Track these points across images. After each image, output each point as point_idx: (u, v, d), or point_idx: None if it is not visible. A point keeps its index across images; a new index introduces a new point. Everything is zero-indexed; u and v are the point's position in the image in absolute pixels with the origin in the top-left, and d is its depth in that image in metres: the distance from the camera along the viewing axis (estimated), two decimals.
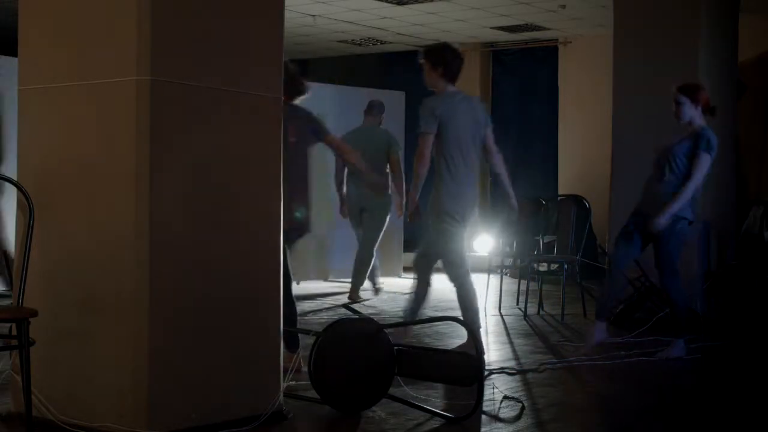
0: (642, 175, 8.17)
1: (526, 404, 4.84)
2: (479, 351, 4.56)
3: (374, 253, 9.23)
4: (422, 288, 6.33)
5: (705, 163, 6.24)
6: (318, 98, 10.19)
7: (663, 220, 6.16)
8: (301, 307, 8.55)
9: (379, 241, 9.23)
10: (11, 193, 4.27)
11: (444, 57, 6.17)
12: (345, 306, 5.51)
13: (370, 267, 9.26)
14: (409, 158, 7.63)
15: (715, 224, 8.05)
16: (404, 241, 10.86)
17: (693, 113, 6.34)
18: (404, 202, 8.84)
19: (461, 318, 5.95)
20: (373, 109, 9.25)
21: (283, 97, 4.44)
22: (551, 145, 13.82)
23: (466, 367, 4.56)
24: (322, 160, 9.85)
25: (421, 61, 6.23)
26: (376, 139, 9.04)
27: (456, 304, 6.26)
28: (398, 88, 12.14)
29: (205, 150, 4.13)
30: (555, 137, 13.73)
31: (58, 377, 4.11)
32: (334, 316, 7.54)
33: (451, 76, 6.20)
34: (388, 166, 9.06)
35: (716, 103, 8.22)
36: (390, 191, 8.94)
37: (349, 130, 9.11)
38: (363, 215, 9.14)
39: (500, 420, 4.55)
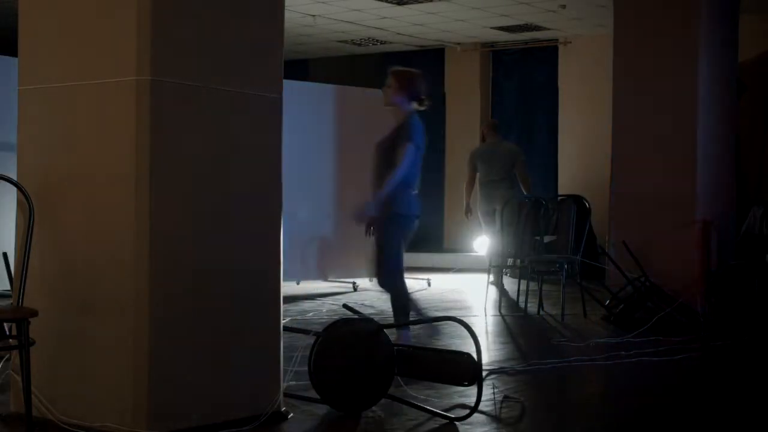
0: (642, 175, 8.20)
1: (526, 404, 4.84)
2: (479, 351, 4.55)
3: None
4: None
5: (406, 153, 5.89)
6: (318, 98, 10.27)
7: (366, 210, 5.89)
8: (301, 307, 8.57)
9: None
10: (11, 193, 4.27)
11: None
12: (345, 306, 5.50)
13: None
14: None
15: (715, 224, 8.05)
16: None
17: (399, 99, 6.04)
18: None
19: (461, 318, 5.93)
20: (496, 128, 10.75)
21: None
22: (551, 145, 13.81)
23: (465, 367, 4.56)
24: (320, 159, 9.86)
25: None
26: (500, 152, 10.27)
27: (456, 304, 6.23)
28: None
29: (205, 150, 4.13)
30: (555, 137, 13.73)
31: (58, 377, 4.11)
32: (334, 316, 7.53)
33: None
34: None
35: (716, 103, 8.28)
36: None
37: (477, 147, 10.95)
38: (496, 215, 9.91)
39: (500, 420, 4.55)
